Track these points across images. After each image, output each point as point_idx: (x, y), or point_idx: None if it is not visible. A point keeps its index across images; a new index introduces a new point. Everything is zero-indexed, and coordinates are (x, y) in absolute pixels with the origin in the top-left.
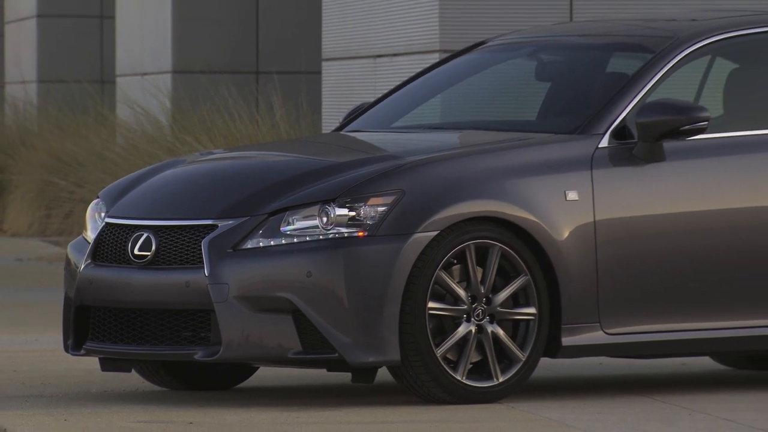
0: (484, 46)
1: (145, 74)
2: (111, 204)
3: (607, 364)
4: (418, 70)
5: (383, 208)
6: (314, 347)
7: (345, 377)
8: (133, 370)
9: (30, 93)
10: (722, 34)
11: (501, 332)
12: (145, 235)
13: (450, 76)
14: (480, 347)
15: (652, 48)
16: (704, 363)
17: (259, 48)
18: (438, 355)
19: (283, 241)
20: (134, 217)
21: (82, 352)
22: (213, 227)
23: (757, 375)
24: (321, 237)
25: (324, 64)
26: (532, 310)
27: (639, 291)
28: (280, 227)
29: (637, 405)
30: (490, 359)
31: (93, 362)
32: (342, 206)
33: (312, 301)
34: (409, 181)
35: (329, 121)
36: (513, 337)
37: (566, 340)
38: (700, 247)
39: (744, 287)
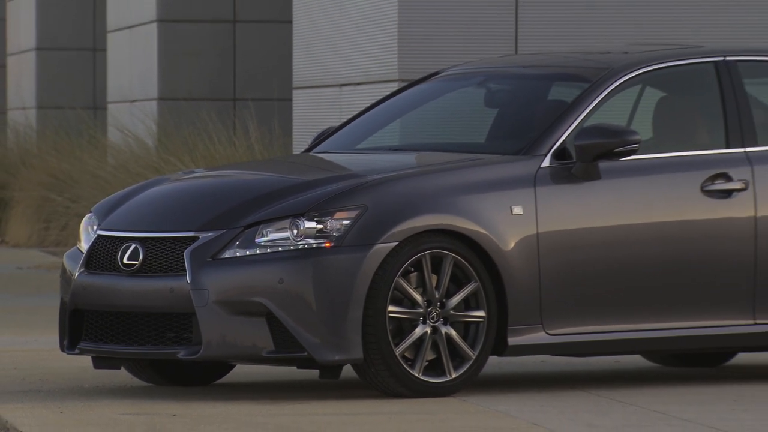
0: (438, 75)
1: (134, 101)
2: (102, 218)
3: (548, 362)
4: (379, 97)
5: (348, 222)
6: (285, 347)
7: (313, 374)
8: (122, 368)
9: (30, 118)
10: (651, 65)
11: (453, 333)
12: (133, 245)
13: (408, 103)
14: (435, 346)
15: (588, 78)
16: (635, 360)
17: (236, 78)
18: (397, 354)
19: (258, 252)
20: (123, 229)
21: (77, 351)
22: (194, 239)
23: (683, 371)
24: (292, 248)
25: (294, 92)
26: (481, 313)
27: (577, 296)
28: (255, 239)
29: (576, 398)
30: (443, 357)
31: (86, 360)
32: (311, 220)
33: (284, 305)
34: (371, 197)
35: (299, 144)
36: (464, 337)
37: (512, 340)
38: (632, 256)
39: (671, 293)
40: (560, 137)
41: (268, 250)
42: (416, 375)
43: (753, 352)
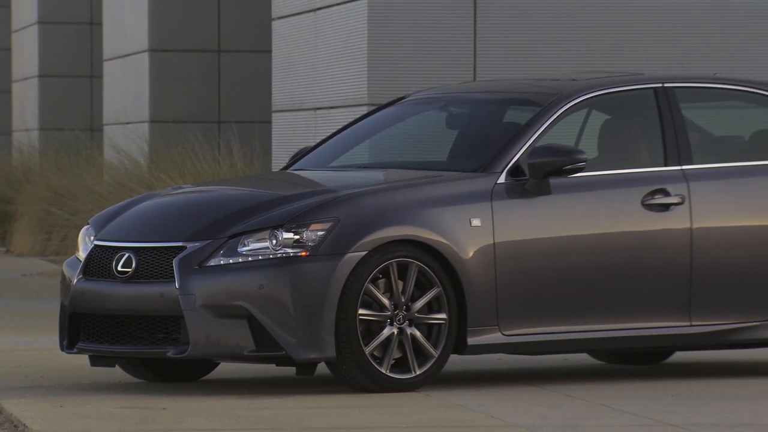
0: (404, 100)
1: (127, 123)
2: (99, 229)
3: (504, 360)
4: (350, 120)
5: (322, 233)
6: (265, 346)
7: (290, 371)
8: (116, 366)
9: (32, 139)
10: (597, 91)
11: (418, 334)
12: (126, 254)
13: (376, 125)
14: (401, 346)
15: (540, 102)
16: (583, 358)
17: (220, 102)
18: (366, 353)
19: (240, 260)
20: (118, 240)
21: (75, 350)
22: (182, 248)
23: (626, 368)
24: (271, 256)
25: (274, 114)
26: (443, 315)
27: (530, 300)
28: (237, 248)
29: (528, 392)
30: (409, 356)
31: (84, 359)
32: (288, 231)
33: (263, 309)
34: (343, 211)
35: (278, 162)
36: (428, 337)
37: (471, 340)
38: (579, 264)
39: (615, 297)
40: (514, 156)
41: (250, 259)
42: (384, 372)
43: (689, 350)
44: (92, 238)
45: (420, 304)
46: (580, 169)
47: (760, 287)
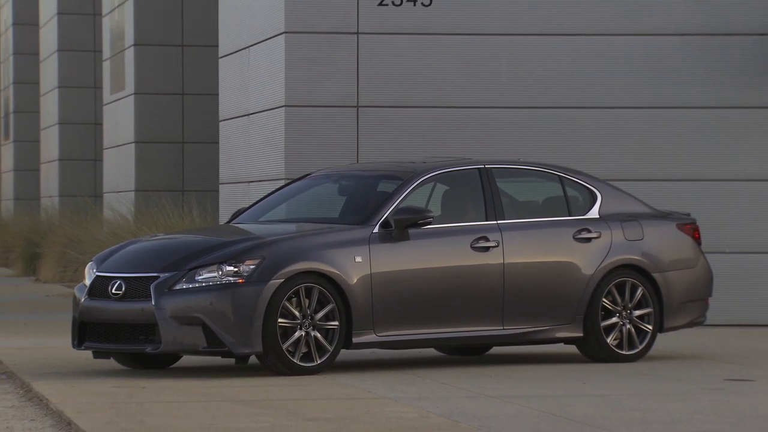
0: (309, 175)
1: (119, 191)
2: (99, 264)
3: (378, 353)
4: (272, 189)
5: (253, 266)
6: (214, 344)
7: (231, 361)
8: (111, 358)
9: (54, 203)
10: (441, 170)
11: (319, 335)
12: (118, 281)
13: (290, 192)
14: (307, 343)
15: (402, 177)
16: (431, 352)
17: (184, 177)
18: (283, 349)
19: (197, 285)
20: (112, 271)
21: (83, 348)
22: (157, 277)
23: (459, 358)
24: (218, 282)
25: (220, 186)
26: (336, 323)
27: (396, 312)
28: (195, 277)
29: (394, 375)
30: (312, 350)
31: (88, 354)
32: (230, 265)
33: (213, 318)
34: (267, 251)
35: (224, 217)
36: (325, 338)
37: (355, 340)
38: (429, 287)
39: (452, 310)
40: (384, 214)
41: (203, 284)
42: (295, 361)
43: (502, 346)
44: (95, 270)
45: (320, 315)
46: (429, 223)
47: (549, 303)
